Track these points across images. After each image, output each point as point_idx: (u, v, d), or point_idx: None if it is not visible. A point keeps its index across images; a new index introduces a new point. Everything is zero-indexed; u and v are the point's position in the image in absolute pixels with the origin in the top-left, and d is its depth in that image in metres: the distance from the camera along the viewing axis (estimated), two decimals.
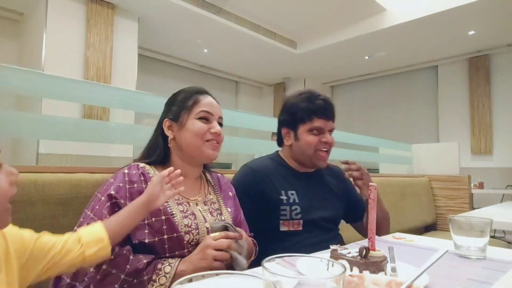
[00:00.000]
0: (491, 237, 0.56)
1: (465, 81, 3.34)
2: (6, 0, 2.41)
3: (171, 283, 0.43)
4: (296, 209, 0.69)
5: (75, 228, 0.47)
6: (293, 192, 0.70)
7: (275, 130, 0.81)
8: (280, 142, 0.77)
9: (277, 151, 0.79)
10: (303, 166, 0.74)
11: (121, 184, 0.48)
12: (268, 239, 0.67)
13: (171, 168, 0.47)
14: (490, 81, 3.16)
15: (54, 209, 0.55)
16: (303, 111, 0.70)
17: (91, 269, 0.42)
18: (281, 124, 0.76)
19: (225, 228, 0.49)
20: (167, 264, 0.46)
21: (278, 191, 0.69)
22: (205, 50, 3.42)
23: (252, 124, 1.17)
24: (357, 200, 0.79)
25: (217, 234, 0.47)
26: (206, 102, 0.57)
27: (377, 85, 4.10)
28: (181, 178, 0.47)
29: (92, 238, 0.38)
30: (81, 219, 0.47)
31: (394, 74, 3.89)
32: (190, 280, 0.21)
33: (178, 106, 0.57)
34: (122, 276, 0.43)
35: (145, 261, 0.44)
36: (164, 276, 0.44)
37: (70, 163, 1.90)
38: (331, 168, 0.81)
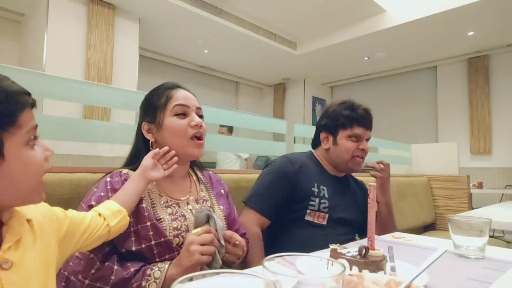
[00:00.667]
0: (490, 236, 0.56)
1: (464, 82, 3.34)
2: (7, 0, 2.42)
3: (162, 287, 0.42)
4: (324, 202, 0.73)
5: None
6: (324, 188, 0.75)
7: (275, 130, 0.82)
8: (315, 145, 0.83)
9: (311, 151, 0.84)
10: (336, 169, 0.80)
11: (102, 194, 0.47)
12: (291, 226, 0.70)
13: (165, 148, 0.48)
14: (489, 81, 3.17)
15: None
16: (345, 118, 0.76)
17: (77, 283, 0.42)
18: (320, 128, 0.81)
19: (208, 217, 0.47)
20: (157, 269, 0.44)
21: (311, 183, 0.74)
22: (206, 51, 3.42)
23: (252, 125, 1.17)
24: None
25: (199, 229, 0.46)
26: (179, 95, 0.54)
27: (376, 86, 4.10)
28: (176, 158, 0.48)
29: (111, 212, 0.41)
30: None
31: (394, 75, 3.89)
32: (191, 279, 0.21)
33: (153, 106, 0.54)
34: None
35: (132, 269, 0.43)
36: (154, 281, 0.43)
37: (71, 163, 1.90)
38: (358, 179, 0.87)
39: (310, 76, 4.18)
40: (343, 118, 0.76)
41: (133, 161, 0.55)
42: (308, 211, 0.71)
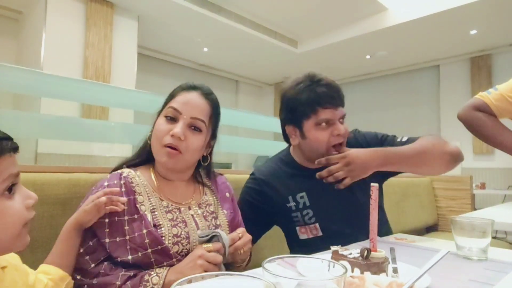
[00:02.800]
0: (493, 238, 0.55)
1: (467, 81, 3.33)
2: None
3: None
4: (308, 213, 0.62)
5: None
6: (303, 194, 0.63)
7: (276, 130, 0.75)
8: (287, 141, 0.68)
9: (288, 148, 0.71)
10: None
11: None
12: (293, 249, 0.64)
13: (106, 190, 0.44)
14: (492, 80, 3.15)
15: (52, 209, 0.54)
16: (304, 103, 0.59)
17: None
18: (283, 122, 0.65)
19: (213, 238, 0.46)
20: (155, 274, 0.43)
21: (285, 198, 0.64)
22: (205, 49, 3.41)
23: (252, 124, 1.17)
24: None
25: (210, 245, 0.45)
26: (180, 98, 0.50)
27: (378, 85, 4.09)
28: (123, 199, 0.44)
29: (56, 281, 0.40)
30: None
31: (396, 74, 3.88)
32: (190, 281, 0.21)
33: (166, 99, 0.53)
34: None
35: (124, 274, 0.42)
36: (152, 287, 0.42)
37: (69, 162, 1.90)
38: (349, 142, 0.67)
39: None
40: (301, 106, 0.59)
41: (137, 155, 0.53)
42: (297, 227, 0.63)
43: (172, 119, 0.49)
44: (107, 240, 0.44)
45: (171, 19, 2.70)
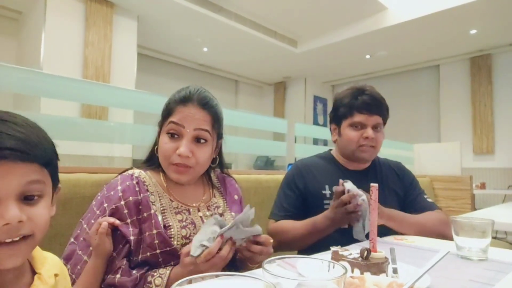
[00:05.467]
0: (493, 238, 0.55)
1: (467, 81, 3.32)
2: None
3: None
4: None
5: (71, 239, 0.46)
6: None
7: (275, 130, 0.81)
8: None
9: (330, 149, 0.81)
10: (351, 161, 0.74)
11: (114, 206, 0.45)
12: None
13: (97, 224, 0.42)
14: (492, 80, 3.15)
15: None
16: (345, 106, 0.71)
17: None
18: (330, 121, 0.77)
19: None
20: (157, 275, 0.43)
21: (321, 186, 0.70)
22: (205, 49, 3.41)
23: (252, 124, 1.16)
24: (414, 199, 0.73)
25: (200, 253, 0.40)
26: (181, 111, 0.48)
27: (378, 85, 4.01)
28: (117, 222, 0.43)
29: None
30: (78, 231, 0.47)
31: (395, 74, 3.88)
32: (190, 282, 0.21)
33: (163, 111, 0.52)
34: None
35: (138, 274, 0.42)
36: None
37: (69, 163, 1.89)
38: (389, 163, 0.78)
39: (311, 74, 4.16)
40: (343, 107, 0.71)
41: (147, 160, 0.54)
42: None
43: (175, 135, 0.49)
44: (131, 237, 0.44)
45: (170, 19, 2.70)
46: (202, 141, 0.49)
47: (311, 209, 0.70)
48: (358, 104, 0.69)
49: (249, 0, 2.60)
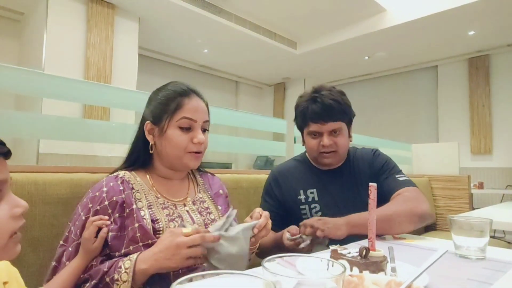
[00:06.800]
0: (491, 237, 0.55)
1: (465, 81, 3.33)
2: None
3: (133, 278, 0.41)
4: (315, 207, 0.69)
5: (61, 242, 0.47)
6: (313, 190, 0.71)
7: (275, 130, 0.82)
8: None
9: (305, 151, 0.79)
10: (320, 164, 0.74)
11: (98, 208, 0.46)
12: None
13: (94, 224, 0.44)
14: (490, 81, 3.16)
15: (54, 209, 0.55)
16: (300, 116, 0.71)
17: None
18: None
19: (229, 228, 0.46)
20: (127, 259, 0.43)
21: (296, 191, 0.71)
22: (205, 50, 3.42)
23: (252, 124, 1.17)
24: (383, 186, 0.67)
25: (189, 230, 0.43)
26: (190, 106, 0.52)
27: (376, 85, 4.10)
28: (108, 222, 0.45)
29: None
30: (66, 233, 0.47)
31: (394, 74, 3.89)
32: (190, 280, 0.21)
33: (160, 107, 0.52)
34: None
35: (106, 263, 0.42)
36: (125, 272, 0.41)
37: (71, 163, 1.90)
38: (362, 155, 0.74)
39: (311, 75, 4.17)
40: (299, 117, 0.71)
41: (130, 161, 0.54)
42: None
43: (187, 129, 0.52)
44: (110, 233, 0.45)
45: (171, 21, 2.71)
46: (207, 130, 0.56)
47: (289, 215, 0.71)
48: (310, 114, 0.68)
49: (249, 2, 2.61)
